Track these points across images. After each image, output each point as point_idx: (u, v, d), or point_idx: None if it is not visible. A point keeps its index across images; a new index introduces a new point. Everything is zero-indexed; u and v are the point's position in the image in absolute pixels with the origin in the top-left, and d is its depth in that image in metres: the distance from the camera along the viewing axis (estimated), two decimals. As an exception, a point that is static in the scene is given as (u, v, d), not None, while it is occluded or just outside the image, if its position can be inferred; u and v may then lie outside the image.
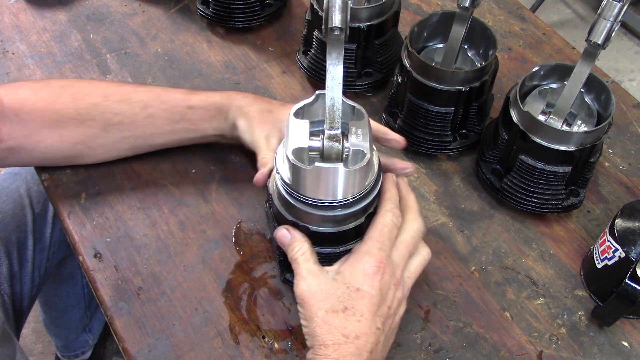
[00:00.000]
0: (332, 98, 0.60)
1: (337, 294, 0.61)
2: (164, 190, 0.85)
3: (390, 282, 0.63)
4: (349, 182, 0.60)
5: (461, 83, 0.81)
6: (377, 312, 0.61)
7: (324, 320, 0.60)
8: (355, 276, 0.62)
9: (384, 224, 0.64)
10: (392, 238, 0.64)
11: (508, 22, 1.09)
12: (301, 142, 0.61)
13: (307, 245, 0.64)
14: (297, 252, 0.64)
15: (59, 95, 0.77)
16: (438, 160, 0.90)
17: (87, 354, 1.58)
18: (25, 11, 1.08)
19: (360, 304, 0.61)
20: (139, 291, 0.76)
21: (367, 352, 0.60)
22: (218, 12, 1.02)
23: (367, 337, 0.60)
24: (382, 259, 0.62)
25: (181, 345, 0.72)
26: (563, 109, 0.79)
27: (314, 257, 0.64)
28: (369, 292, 0.61)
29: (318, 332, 0.60)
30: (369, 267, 0.62)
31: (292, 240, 0.65)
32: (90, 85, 0.80)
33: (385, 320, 0.63)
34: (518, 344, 0.73)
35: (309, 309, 0.61)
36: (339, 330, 0.60)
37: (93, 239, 0.80)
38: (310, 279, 0.62)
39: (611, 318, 0.73)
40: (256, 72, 1.00)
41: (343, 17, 0.57)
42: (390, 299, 0.63)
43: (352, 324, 0.60)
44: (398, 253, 0.65)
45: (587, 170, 0.81)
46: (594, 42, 0.71)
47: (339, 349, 0.59)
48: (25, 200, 1.07)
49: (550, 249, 0.81)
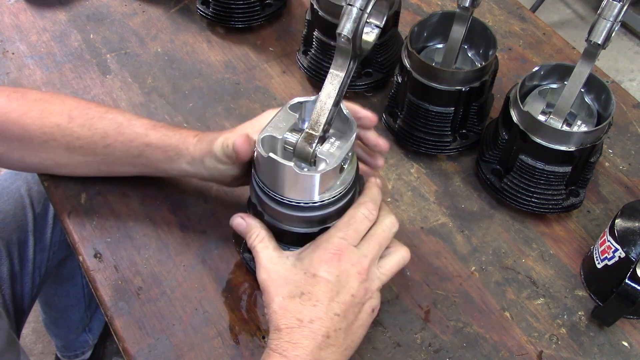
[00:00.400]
0: (323, 101, 0.60)
1: (295, 280, 0.62)
2: (164, 190, 0.85)
3: (352, 270, 0.63)
4: (300, 184, 0.61)
5: (461, 83, 0.81)
6: (334, 299, 0.61)
7: (281, 305, 0.61)
8: (312, 262, 0.62)
9: (352, 216, 0.64)
10: (360, 230, 0.64)
11: (508, 22, 1.09)
12: (277, 131, 0.62)
13: (264, 231, 0.65)
14: (255, 239, 0.65)
15: (29, 110, 0.76)
16: (438, 160, 0.90)
17: (87, 354, 1.58)
18: (25, 11, 1.08)
19: (316, 289, 0.61)
20: (139, 291, 0.76)
21: (322, 336, 0.60)
22: (218, 12, 1.02)
23: (322, 322, 0.60)
24: (340, 246, 0.62)
25: (181, 345, 0.72)
26: (563, 109, 0.79)
27: (272, 242, 0.65)
28: (325, 277, 0.61)
29: (274, 317, 0.61)
30: (324, 253, 0.62)
31: (249, 228, 0.66)
32: (61, 103, 0.78)
33: (348, 308, 0.62)
34: (518, 344, 0.73)
35: (268, 295, 0.63)
36: (293, 315, 0.60)
37: (93, 239, 0.80)
38: (270, 267, 0.64)
39: (611, 318, 0.73)
40: (256, 72, 1.00)
41: (352, 27, 0.56)
42: (354, 287, 0.62)
43: (308, 308, 0.61)
44: (367, 244, 0.65)
45: (587, 170, 0.81)
46: (594, 42, 0.71)
47: (292, 332, 0.60)
48: (26, 200, 1.07)
49: (550, 249, 0.81)
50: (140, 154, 0.76)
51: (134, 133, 0.76)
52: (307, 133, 0.61)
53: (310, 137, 0.61)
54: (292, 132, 0.62)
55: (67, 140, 0.76)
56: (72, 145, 0.77)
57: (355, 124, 0.63)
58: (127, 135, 0.76)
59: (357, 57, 0.60)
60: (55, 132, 0.76)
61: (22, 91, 0.79)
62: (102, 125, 0.76)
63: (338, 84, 0.60)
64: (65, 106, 0.78)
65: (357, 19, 0.56)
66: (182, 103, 0.95)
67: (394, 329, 0.74)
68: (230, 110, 0.95)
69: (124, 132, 0.76)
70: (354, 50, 0.58)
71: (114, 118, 0.77)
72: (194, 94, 0.97)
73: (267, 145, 0.62)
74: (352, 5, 0.56)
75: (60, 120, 0.76)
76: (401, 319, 0.75)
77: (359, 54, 0.60)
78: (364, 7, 0.56)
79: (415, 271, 0.78)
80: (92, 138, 0.76)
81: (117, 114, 0.77)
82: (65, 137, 0.76)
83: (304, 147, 0.61)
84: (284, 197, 0.63)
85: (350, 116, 0.63)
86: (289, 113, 0.63)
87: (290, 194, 0.62)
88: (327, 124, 0.61)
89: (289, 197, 0.63)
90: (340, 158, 0.61)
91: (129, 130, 0.76)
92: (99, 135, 0.76)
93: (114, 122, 0.76)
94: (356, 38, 0.57)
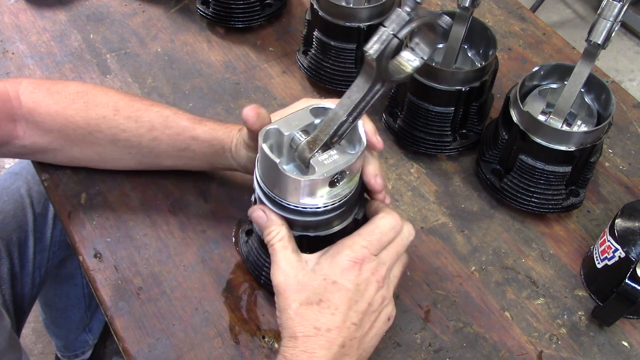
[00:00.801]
0: (335, 111, 0.60)
1: (313, 286, 0.60)
2: (164, 190, 0.85)
3: (372, 279, 0.62)
4: (283, 182, 0.60)
5: (461, 83, 0.81)
6: (352, 307, 0.60)
7: (297, 312, 0.60)
8: (332, 269, 0.61)
9: (379, 226, 0.63)
10: (384, 241, 0.63)
11: (508, 22, 1.09)
12: (286, 127, 0.61)
13: (284, 229, 0.63)
14: (275, 237, 0.63)
15: (72, 102, 0.77)
16: (438, 160, 0.90)
17: (87, 354, 1.58)
18: (25, 11, 1.08)
19: (335, 297, 0.60)
20: (139, 291, 0.76)
21: (338, 345, 0.59)
22: (218, 12, 1.02)
23: (339, 331, 0.59)
24: (362, 255, 0.61)
25: (181, 345, 0.72)
26: (563, 109, 0.79)
27: (292, 243, 0.63)
28: (345, 285, 0.60)
29: (290, 324, 0.60)
30: (346, 261, 0.61)
31: (270, 223, 0.63)
32: (104, 95, 0.78)
33: (364, 317, 0.61)
34: (518, 344, 0.73)
35: (283, 300, 0.61)
36: (310, 323, 0.59)
37: (93, 239, 0.80)
38: (287, 270, 0.61)
39: (611, 318, 0.73)
40: (256, 72, 1.00)
41: (379, 49, 0.55)
42: (371, 295, 0.62)
43: (326, 316, 0.59)
44: (387, 253, 0.64)
45: (587, 170, 0.81)
46: (594, 42, 0.71)
47: (308, 341, 0.59)
48: (26, 200, 1.07)
49: (550, 249, 0.81)
50: (187, 147, 0.76)
51: (180, 126, 0.76)
52: (313, 138, 0.60)
53: (314, 143, 0.60)
54: (302, 133, 0.62)
55: (113, 132, 0.77)
56: (118, 137, 0.77)
57: (364, 146, 0.61)
58: (174, 129, 0.76)
59: (384, 81, 0.59)
60: (101, 123, 0.76)
61: (63, 83, 0.79)
62: (149, 118, 0.76)
63: (356, 100, 0.59)
64: (110, 98, 0.78)
65: (386, 41, 0.55)
66: (182, 103, 0.95)
67: (394, 329, 0.74)
68: (230, 110, 0.95)
69: (170, 125, 0.76)
70: (378, 73, 0.57)
71: (160, 111, 0.77)
72: (194, 94, 0.97)
73: (272, 138, 0.62)
74: (385, 27, 0.55)
75: (106, 112, 0.76)
76: (401, 319, 0.75)
77: (387, 78, 0.58)
78: (396, 32, 0.55)
79: (415, 271, 0.78)
80: (139, 130, 0.76)
81: (162, 108, 0.78)
82: (111, 129, 0.76)
83: (304, 150, 0.60)
84: (271, 192, 0.62)
85: (364, 139, 0.62)
86: (307, 114, 0.63)
87: (275, 190, 0.62)
88: (337, 135, 0.60)
89: (274, 193, 0.62)
90: (331, 171, 0.59)
91: (176, 124, 0.76)
92: (145, 127, 0.76)
93: (160, 115, 0.77)
94: (382, 60, 0.56)
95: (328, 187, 0.61)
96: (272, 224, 0.63)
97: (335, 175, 0.60)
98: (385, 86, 0.59)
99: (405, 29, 0.55)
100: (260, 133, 0.61)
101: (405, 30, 0.55)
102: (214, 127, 0.76)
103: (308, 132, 0.62)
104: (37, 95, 0.77)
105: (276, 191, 0.62)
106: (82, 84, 0.80)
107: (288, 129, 0.61)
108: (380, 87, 0.59)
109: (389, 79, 0.59)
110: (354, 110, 0.59)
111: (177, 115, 0.77)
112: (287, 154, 0.63)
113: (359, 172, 0.64)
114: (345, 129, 0.60)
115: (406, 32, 0.55)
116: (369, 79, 0.58)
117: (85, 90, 0.78)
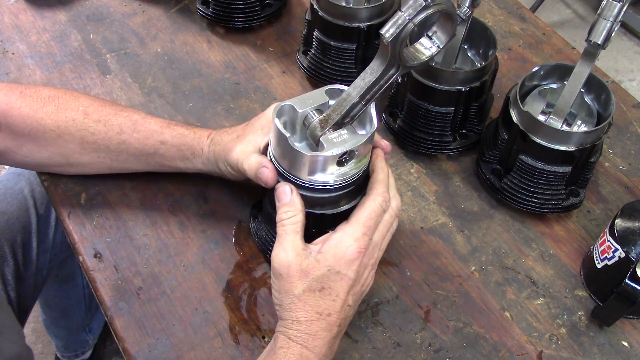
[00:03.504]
0: (349, 92, 0.61)
1: (317, 275, 0.63)
2: (164, 190, 0.85)
3: (368, 263, 0.66)
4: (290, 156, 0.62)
5: (461, 83, 0.81)
6: (350, 292, 0.64)
7: (300, 298, 0.63)
8: (337, 259, 0.63)
9: (373, 209, 0.65)
10: (378, 222, 0.66)
11: (508, 22, 1.09)
12: (300, 104, 0.63)
13: (300, 215, 0.65)
14: (290, 218, 0.64)
15: (44, 105, 0.77)
16: (438, 160, 0.90)
17: (87, 354, 1.58)
18: (25, 11, 1.08)
19: (337, 285, 0.63)
20: (139, 291, 0.76)
21: (337, 326, 0.64)
22: (218, 12, 1.02)
23: (338, 314, 0.63)
24: (365, 244, 0.64)
25: (181, 345, 0.72)
26: (563, 109, 0.79)
27: (302, 231, 0.65)
28: (347, 275, 0.64)
29: (292, 308, 0.63)
30: (351, 252, 0.63)
31: (291, 203, 0.65)
32: (75, 99, 0.79)
33: (358, 298, 0.66)
34: (518, 344, 0.73)
35: (285, 284, 0.63)
36: (313, 308, 0.63)
37: (93, 239, 0.80)
38: (292, 255, 0.63)
39: (611, 318, 0.73)
40: (256, 72, 1.00)
41: (394, 32, 0.56)
42: (365, 278, 0.66)
43: (327, 302, 0.63)
44: (379, 234, 0.67)
45: (587, 170, 0.81)
46: (594, 42, 0.71)
47: (311, 324, 0.62)
48: (29, 201, 1.07)
49: (550, 249, 0.81)
50: (155, 151, 0.77)
51: (149, 130, 0.76)
52: (325, 117, 0.61)
53: (325, 122, 0.61)
54: (316, 111, 0.63)
55: (82, 135, 0.77)
56: (86, 140, 0.77)
57: (375, 127, 0.63)
58: (143, 132, 0.76)
59: (399, 66, 0.59)
60: (70, 126, 0.77)
61: (35, 88, 0.79)
62: (118, 122, 0.77)
63: (369, 82, 0.60)
64: (80, 102, 0.78)
65: (402, 25, 0.56)
66: (182, 103, 0.95)
67: (394, 329, 0.74)
68: (230, 110, 0.95)
69: (139, 129, 0.77)
70: (393, 56, 0.58)
71: (129, 115, 0.77)
72: (194, 94, 0.97)
73: (286, 115, 0.63)
74: (402, 12, 0.56)
75: (75, 115, 0.77)
76: (401, 319, 0.75)
77: (402, 63, 0.59)
78: (412, 17, 0.56)
79: (415, 271, 0.79)
80: (108, 134, 0.77)
81: (132, 112, 0.78)
82: (80, 131, 0.77)
83: (316, 128, 0.61)
84: (281, 166, 0.64)
85: (375, 121, 0.63)
86: (322, 94, 0.64)
87: (285, 165, 0.64)
88: (348, 116, 0.61)
89: (284, 168, 0.64)
90: (340, 150, 0.61)
91: (145, 128, 0.77)
92: (114, 131, 0.76)
93: (129, 119, 0.77)
94: (396, 44, 0.57)
95: (337, 165, 0.63)
96: (293, 205, 0.65)
97: (344, 155, 0.62)
98: (399, 71, 0.60)
99: (421, 15, 0.56)
100: (275, 109, 0.62)
101: (421, 16, 0.56)
102: (182, 132, 0.76)
103: (321, 111, 0.63)
104: (10, 98, 0.77)
105: (286, 166, 0.64)
106: (55, 89, 0.81)
107: (302, 107, 0.63)
108: (394, 72, 0.60)
109: (403, 64, 0.60)
110: (367, 93, 0.61)
111: (145, 119, 0.77)
112: (300, 131, 0.64)
113: (368, 154, 0.66)
114: (357, 111, 0.62)
115: (422, 18, 0.56)
116: (383, 62, 0.59)
117: (57, 95, 0.79)
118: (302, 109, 0.63)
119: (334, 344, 0.64)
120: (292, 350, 0.62)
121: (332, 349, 0.65)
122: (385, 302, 0.76)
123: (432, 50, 0.62)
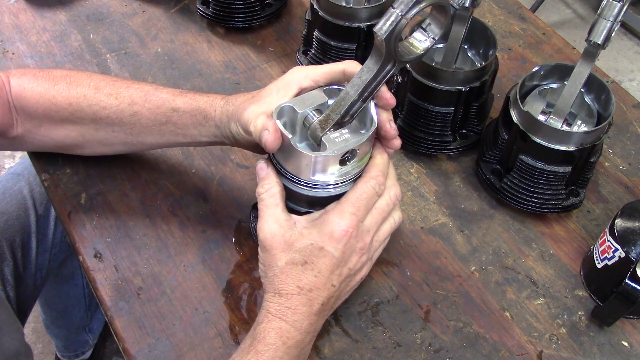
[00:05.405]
0: (346, 91, 0.61)
1: (300, 247, 0.63)
2: (164, 190, 0.85)
3: (356, 246, 0.65)
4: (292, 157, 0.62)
5: (461, 83, 0.81)
6: (334, 272, 0.64)
7: (282, 270, 0.63)
8: (322, 235, 0.63)
9: (365, 191, 0.65)
10: (369, 205, 0.66)
11: (508, 22, 1.09)
12: (300, 105, 0.63)
13: (278, 187, 0.65)
14: (268, 191, 0.65)
15: (55, 83, 0.78)
16: (438, 160, 0.90)
17: (87, 354, 1.58)
18: (25, 11, 1.08)
19: (320, 261, 0.63)
20: (139, 291, 0.76)
21: (319, 304, 0.64)
22: (218, 12, 1.02)
23: (320, 292, 0.63)
24: (352, 224, 0.64)
25: (181, 345, 0.72)
26: (563, 109, 0.79)
27: (282, 203, 0.65)
28: (331, 252, 0.63)
29: (275, 280, 0.63)
30: (337, 230, 0.63)
31: (267, 177, 0.66)
32: (87, 77, 0.79)
33: (343, 280, 0.66)
34: (518, 344, 0.73)
35: (270, 256, 0.64)
36: (294, 282, 0.63)
37: (93, 239, 0.80)
38: (275, 227, 0.64)
39: (611, 318, 0.73)
40: (256, 72, 1.00)
41: (388, 30, 0.56)
42: (353, 263, 0.65)
43: (309, 277, 0.63)
44: (372, 219, 0.66)
45: (587, 170, 0.81)
46: (594, 42, 0.71)
47: (291, 298, 0.63)
48: (28, 202, 1.07)
49: (550, 249, 0.81)
50: (168, 119, 0.76)
51: (160, 99, 0.76)
52: (325, 117, 0.61)
53: (325, 122, 0.61)
54: (315, 112, 0.63)
55: (94, 110, 0.77)
56: (99, 115, 0.77)
57: (376, 125, 0.63)
58: (154, 102, 0.76)
59: (395, 61, 0.59)
60: (81, 102, 0.77)
61: (48, 70, 0.80)
62: (129, 94, 0.77)
63: (366, 80, 0.60)
64: (92, 79, 0.79)
65: (395, 22, 0.56)
66: (182, 103, 0.95)
67: (394, 329, 0.74)
68: (230, 110, 0.95)
69: (150, 99, 0.76)
70: (388, 53, 0.58)
71: (140, 87, 0.77)
72: (194, 94, 0.97)
73: (286, 115, 0.63)
74: (394, 9, 0.56)
75: (86, 90, 0.77)
76: (401, 319, 0.75)
77: (397, 58, 0.59)
78: (405, 13, 0.56)
79: (415, 271, 0.79)
80: (119, 106, 0.76)
81: (143, 84, 0.78)
82: (92, 106, 0.77)
83: (316, 128, 0.61)
84: (283, 168, 0.64)
85: (375, 119, 0.63)
86: (321, 94, 0.64)
87: (287, 166, 0.64)
88: (348, 114, 0.61)
89: (286, 169, 0.64)
90: (342, 149, 0.61)
91: (156, 97, 0.76)
92: (125, 103, 0.76)
93: (140, 90, 0.77)
94: (390, 41, 0.57)
95: (339, 165, 0.63)
96: (268, 178, 0.65)
97: (346, 154, 0.62)
98: (396, 67, 0.60)
99: (413, 10, 0.56)
100: (274, 110, 0.62)
101: (413, 11, 0.56)
102: (194, 97, 0.75)
103: (321, 111, 0.63)
104: (23, 80, 0.78)
105: (289, 167, 0.64)
106: (67, 70, 0.81)
107: (301, 107, 0.63)
108: (391, 68, 0.60)
109: (399, 60, 0.60)
110: (365, 90, 0.61)
111: (157, 89, 0.77)
112: (300, 132, 0.64)
113: (369, 153, 0.66)
114: (356, 109, 0.62)
115: (414, 13, 0.56)
116: (378, 60, 0.59)
117: (69, 74, 0.79)
118: (302, 110, 0.63)
119: (315, 321, 0.64)
120: (271, 324, 0.62)
121: (315, 327, 0.65)
122: (385, 302, 0.76)
123: (427, 43, 0.62)
